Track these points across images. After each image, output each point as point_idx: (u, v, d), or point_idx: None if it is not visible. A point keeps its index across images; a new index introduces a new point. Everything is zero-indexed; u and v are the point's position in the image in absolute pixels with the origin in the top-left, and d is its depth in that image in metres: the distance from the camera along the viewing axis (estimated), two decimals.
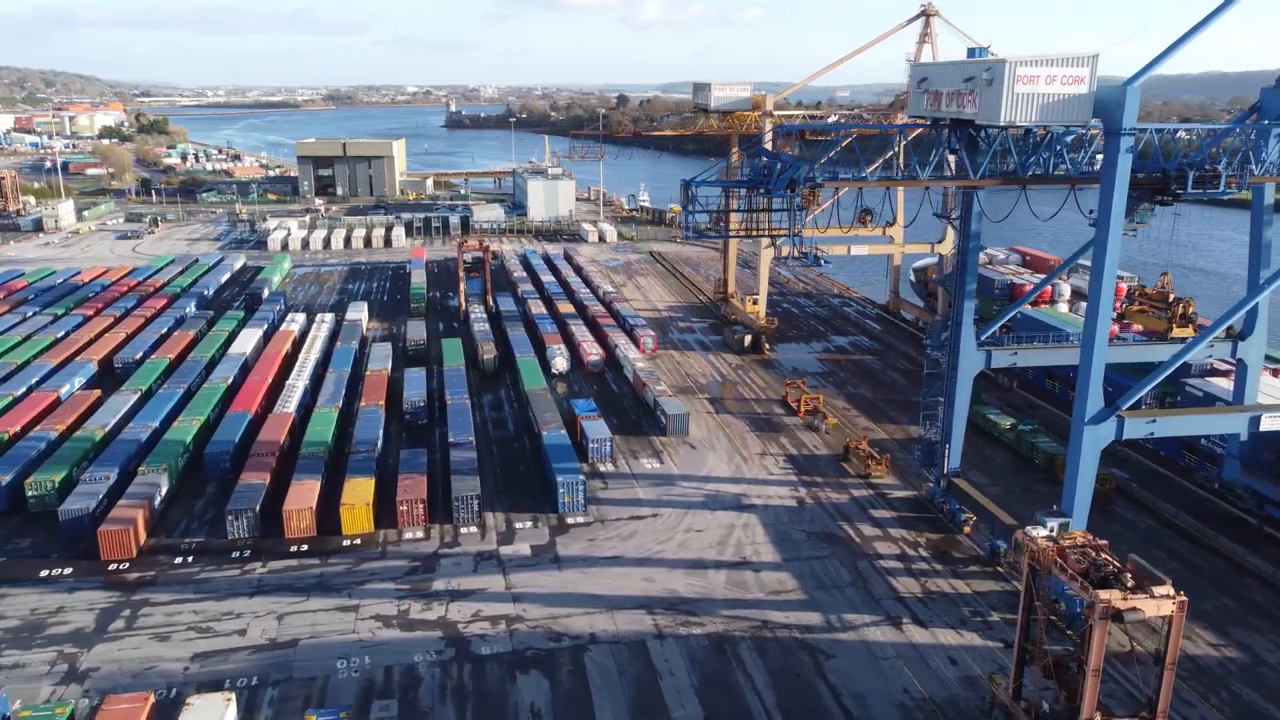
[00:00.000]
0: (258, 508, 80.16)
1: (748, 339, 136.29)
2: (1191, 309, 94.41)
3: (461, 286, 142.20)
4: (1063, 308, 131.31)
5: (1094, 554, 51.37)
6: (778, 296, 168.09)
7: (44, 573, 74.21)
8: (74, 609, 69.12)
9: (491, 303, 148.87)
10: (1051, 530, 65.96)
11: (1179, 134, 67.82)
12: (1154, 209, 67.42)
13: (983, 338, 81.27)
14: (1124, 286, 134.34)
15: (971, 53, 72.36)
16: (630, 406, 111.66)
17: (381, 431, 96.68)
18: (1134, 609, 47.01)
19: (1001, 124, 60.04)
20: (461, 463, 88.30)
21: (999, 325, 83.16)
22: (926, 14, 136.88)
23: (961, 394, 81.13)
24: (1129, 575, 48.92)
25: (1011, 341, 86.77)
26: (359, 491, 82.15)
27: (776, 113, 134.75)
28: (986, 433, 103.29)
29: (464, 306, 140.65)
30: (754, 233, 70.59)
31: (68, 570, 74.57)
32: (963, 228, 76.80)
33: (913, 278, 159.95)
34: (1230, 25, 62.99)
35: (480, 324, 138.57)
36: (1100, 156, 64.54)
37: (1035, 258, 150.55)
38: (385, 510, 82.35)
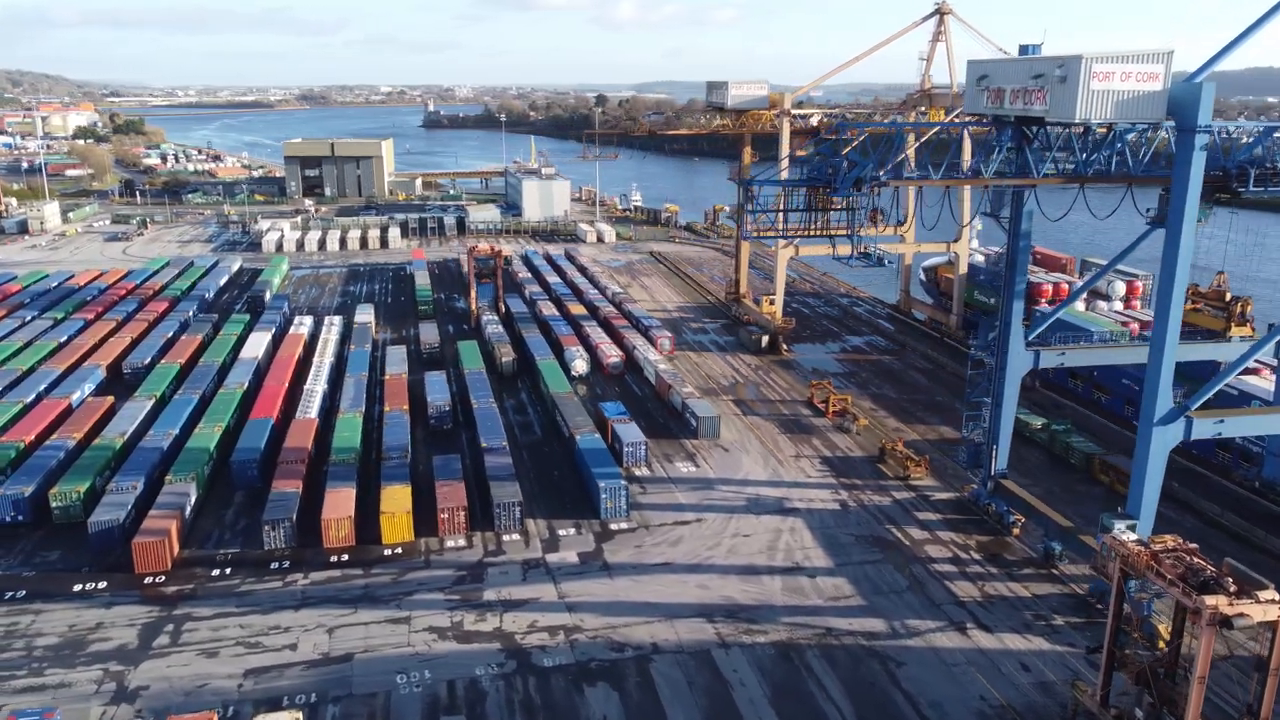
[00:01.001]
0: (294, 517, 78.02)
1: (764, 339, 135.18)
2: (1249, 308, 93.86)
3: (472, 292, 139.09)
4: (1079, 306, 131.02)
5: (1188, 558, 50.49)
6: (786, 296, 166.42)
7: (77, 587, 71.76)
8: (114, 624, 66.78)
9: (504, 307, 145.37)
10: (1121, 533, 65.37)
11: (1239, 130, 67.25)
12: (1213, 208, 66.86)
13: (1030, 338, 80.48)
14: (1139, 285, 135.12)
15: (1024, 50, 71.48)
16: (655, 409, 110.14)
17: (408, 437, 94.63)
18: (1241, 614, 46.13)
19: (1076, 121, 59.15)
20: (499, 469, 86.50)
21: (1045, 325, 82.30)
22: (941, 12, 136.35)
23: (1009, 394, 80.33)
24: (1230, 580, 48.06)
25: (1058, 341, 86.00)
26: (397, 499, 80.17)
27: (795, 111, 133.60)
28: (1017, 433, 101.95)
29: (475, 311, 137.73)
30: (814, 233, 69.18)
31: (102, 584, 72.13)
32: (1012, 227, 75.93)
33: (922, 277, 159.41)
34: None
35: (493, 326, 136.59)
36: (1156, 154, 64.19)
37: (1046, 256, 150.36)
38: (423, 518, 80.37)
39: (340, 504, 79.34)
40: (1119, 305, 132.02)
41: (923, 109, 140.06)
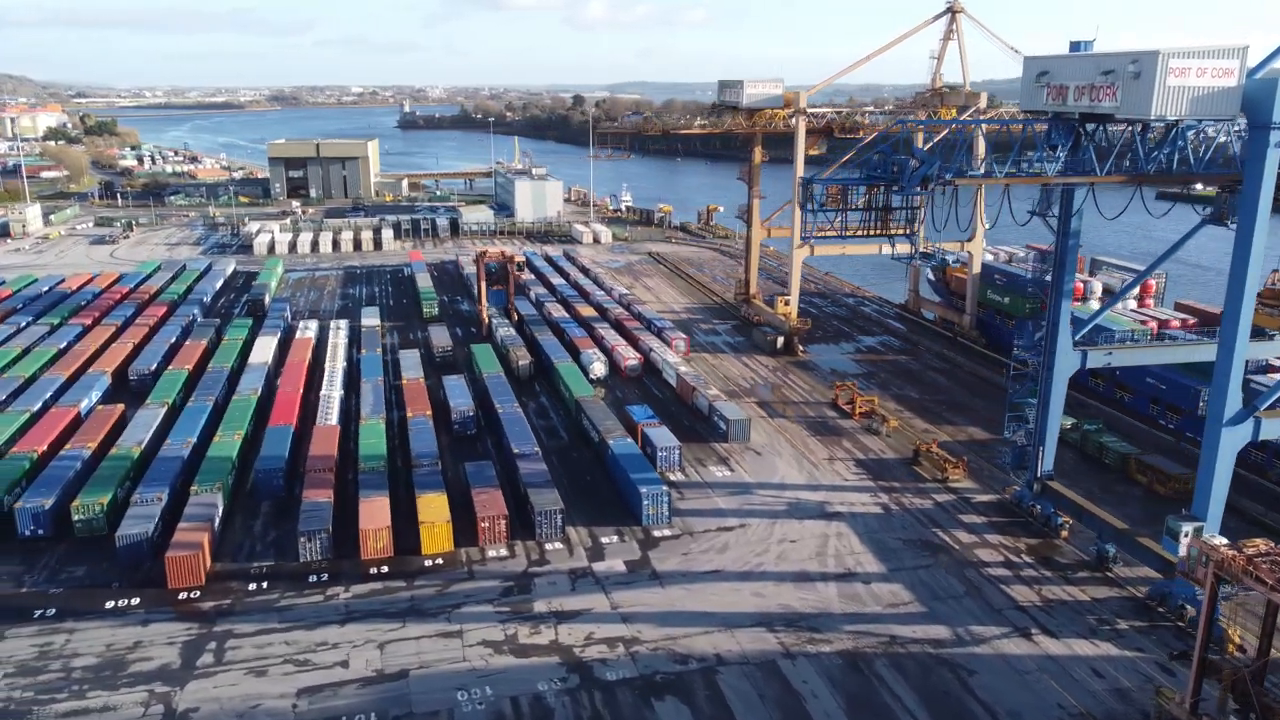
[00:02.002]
0: (330, 528, 75.63)
1: (780, 340, 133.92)
2: None
3: (482, 300, 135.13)
4: (1094, 305, 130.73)
5: None
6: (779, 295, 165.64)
7: (109, 603, 69.00)
8: (153, 643, 64.17)
9: (516, 315, 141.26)
10: (1187, 535, 64.64)
11: None
12: None
13: (1076, 338, 79.59)
14: (1152, 283, 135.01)
15: (1075, 46, 70.51)
16: (680, 412, 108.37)
17: (435, 443, 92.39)
18: None
19: (1151, 118, 58.17)
20: (534, 475, 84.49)
21: (1089, 326, 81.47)
22: (953, 11, 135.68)
23: (1056, 395, 79.39)
24: None
25: (1104, 341, 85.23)
26: (435, 508, 77.96)
27: (811, 110, 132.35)
28: None
29: (486, 320, 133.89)
30: (873, 233, 67.85)
31: (134, 600, 69.41)
32: (1061, 226, 74.97)
33: (930, 276, 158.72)
34: None
35: (504, 329, 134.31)
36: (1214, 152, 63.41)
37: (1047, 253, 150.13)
38: (459, 527, 78.11)
39: (376, 514, 77.04)
40: (1133, 304, 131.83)
41: (934, 108, 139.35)
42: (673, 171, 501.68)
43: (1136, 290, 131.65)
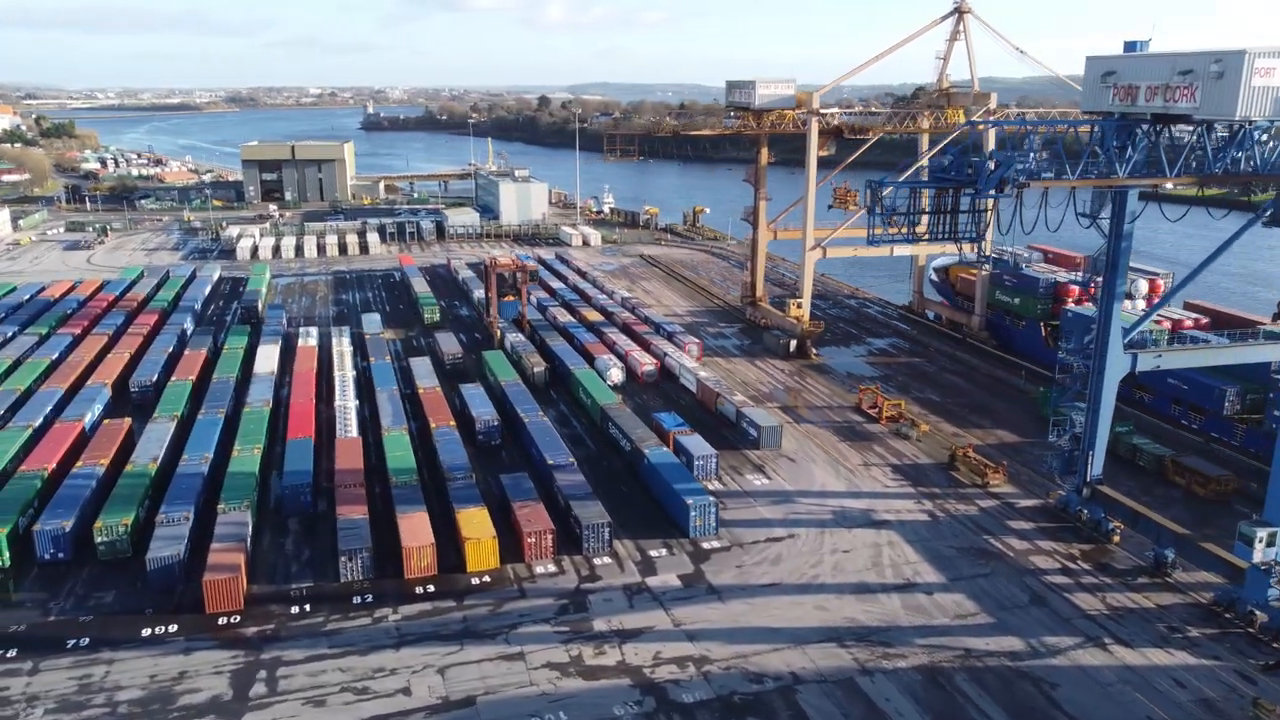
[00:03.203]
0: (371, 546, 72.72)
1: (792, 344, 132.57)
2: None
3: (493, 310, 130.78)
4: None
5: None
6: (790, 298, 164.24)
7: (146, 631, 65.59)
8: (199, 673, 60.98)
9: (529, 327, 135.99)
10: (1261, 540, 63.94)
11: None
12: None
13: (1125, 340, 78.78)
14: (1160, 284, 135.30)
15: (1130, 46, 69.66)
16: (704, 419, 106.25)
17: (465, 454, 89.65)
18: None
19: (1235, 119, 57.27)
20: (574, 487, 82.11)
21: (1137, 328, 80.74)
22: (960, 11, 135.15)
23: (1107, 398, 78.55)
24: None
25: (1153, 343, 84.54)
26: (478, 523, 75.33)
27: (825, 111, 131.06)
28: (1077, 435, 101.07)
29: (498, 333, 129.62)
30: (942, 236, 66.40)
31: (172, 627, 66.07)
32: (1115, 229, 74.08)
33: (934, 277, 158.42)
34: None
35: (512, 334, 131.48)
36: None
37: (1058, 255, 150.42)
38: (502, 542, 75.50)
39: (418, 530, 74.22)
40: (1142, 304, 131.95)
41: (940, 109, 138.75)
42: (644, 172, 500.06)
43: (1145, 289, 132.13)
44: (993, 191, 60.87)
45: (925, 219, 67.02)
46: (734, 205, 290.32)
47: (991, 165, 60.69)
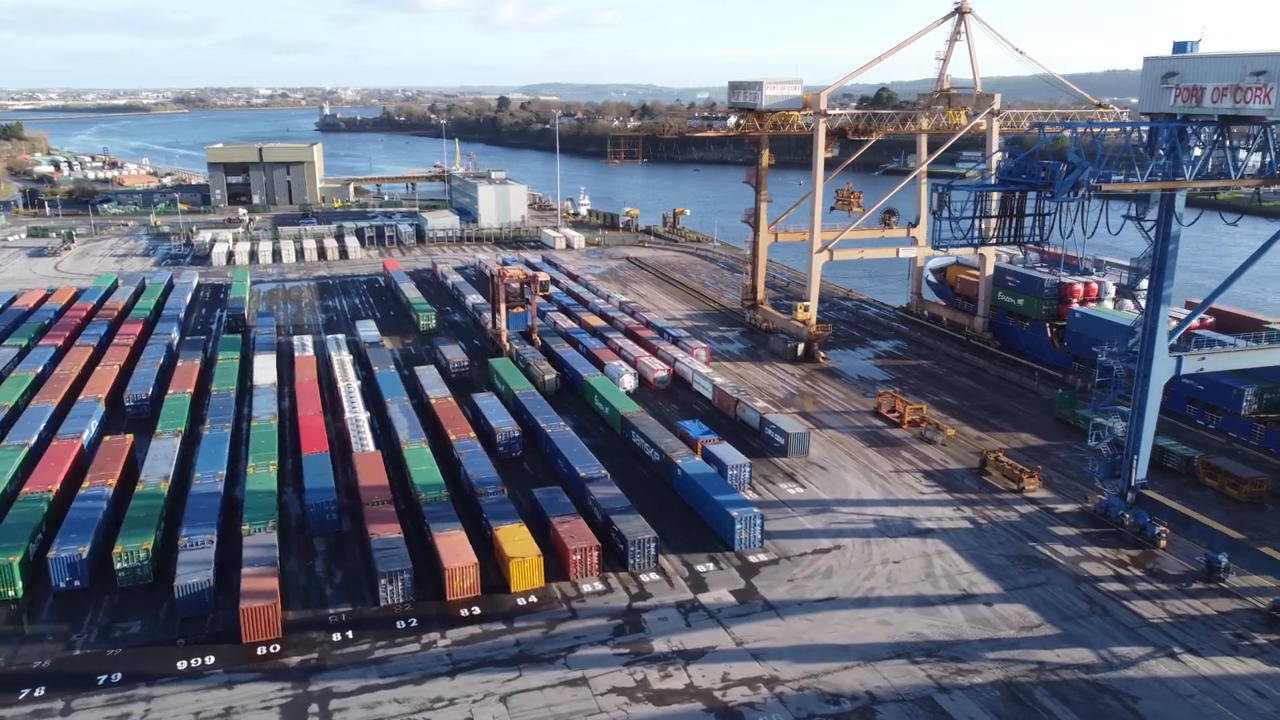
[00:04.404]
0: (412, 567, 69.63)
1: (800, 347, 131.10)
2: None
3: (502, 324, 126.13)
4: (1108, 304, 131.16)
5: None
6: (786, 300, 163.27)
7: (181, 664, 62.00)
8: (246, 708, 57.62)
9: (538, 340, 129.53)
10: None
11: None
12: None
13: (1170, 341, 78.14)
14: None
15: (1179, 46, 68.91)
16: (724, 426, 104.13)
17: (492, 467, 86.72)
18: None
19: None
20: (611, 500, 79.59)
21: (1183, 328, 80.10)
22: (961, 12, 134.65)
23: (1152, 402, 77.88)
24: None
25: (1196, 345, 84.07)
26: (520, 541, 72.54)
27: (833, 111, 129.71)
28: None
29: (508, 346, 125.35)
30: (1007, 239, 64.95)
31: (209, 658, 62.55)
32: (1162, 231, 73.39)
33: (931, 278, 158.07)
34: None
35: (516, 342, 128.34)
36: None
37: (1052, 254, 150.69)
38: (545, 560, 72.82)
39: (459, 550, 71.22)
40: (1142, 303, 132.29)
41: (942, 110, 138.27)
42: (607, 172, 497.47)
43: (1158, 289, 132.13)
44: (1067, 195, 59.59)
45: (992, 223, 65.51)
46: (702, 205, 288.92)
47: (1065, 167, 59.40)
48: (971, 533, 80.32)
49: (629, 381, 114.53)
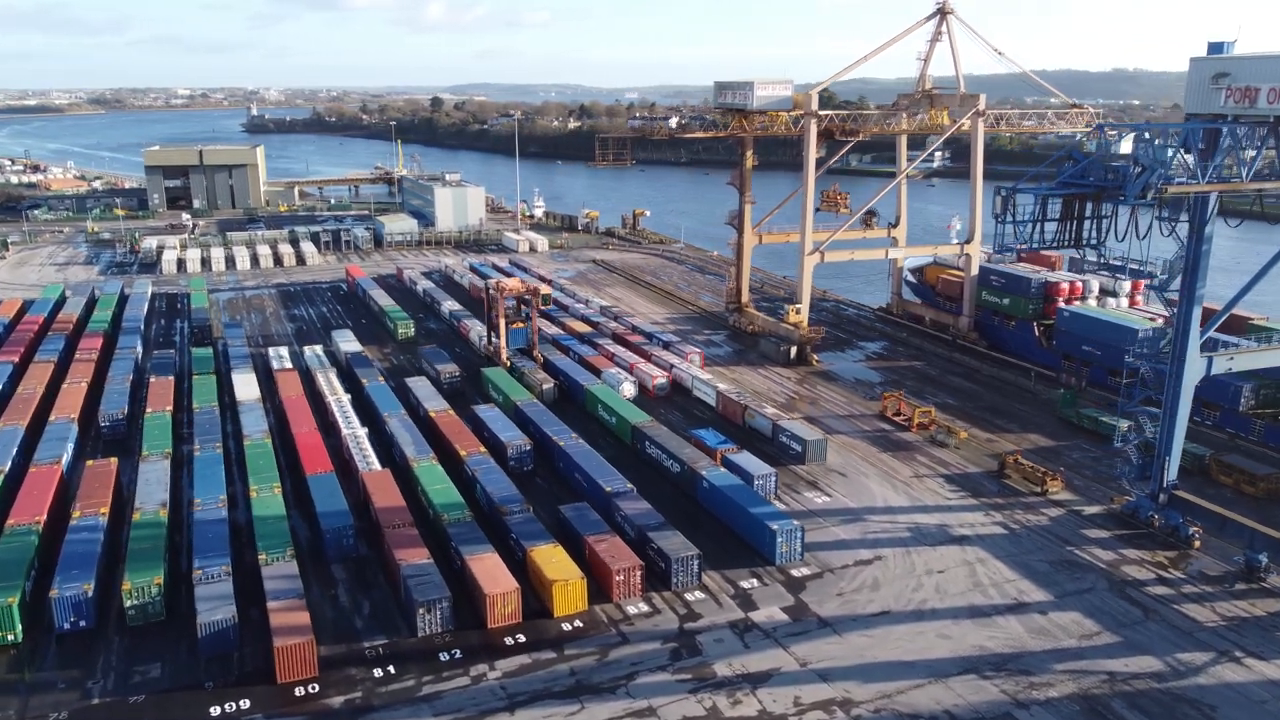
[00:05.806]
0: (450, 594, 65.97)
1: (792, 350, 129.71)
2: None
3: (503, 339, 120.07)
4: (1092, 303, 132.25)
5: None
6: (765, 302, 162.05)
7: (215, 710, 57.53)
8: None
9: (540, 356, 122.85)
10: None
11: None
12: None
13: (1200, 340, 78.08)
14: (1142, 283, 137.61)
15: (1215, 48, 68.76)
16: (731, 433, 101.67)
17: (511, 484, 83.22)
18: None
19: None
20: (644, 516, 76.77)
21: (1214, 327, 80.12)
22: (943, 12, 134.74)
23: (1184, 403, 77.85)
24: None
25: (1226, 345, 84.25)
26: (558, 563, 69.38)
27: (823, 112, 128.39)
28: (1107, 436, 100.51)
29: (508, 361, 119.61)
30: (1066, 243, 63.87)
31: (244, 702, 58.19)
32: (1196, 233, 73.18)
33: (910, 278, 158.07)
34: None
35: (521, 362, 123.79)
36: None
37: (1034, 255, 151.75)
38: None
39: (496, 574, 67.73)
40: (1125, 301, 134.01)
41: (924, 110, 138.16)
42: (550, 171, 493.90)
43: (1129, 287, 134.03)
44: (1138, 198, 58.73)
45: (1054, 226, 64.46)
46: (651, 205, 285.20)
47: (1136, 170, 58.52)
48: (1008, 538, 79.39)
49: (629, 389, 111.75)
